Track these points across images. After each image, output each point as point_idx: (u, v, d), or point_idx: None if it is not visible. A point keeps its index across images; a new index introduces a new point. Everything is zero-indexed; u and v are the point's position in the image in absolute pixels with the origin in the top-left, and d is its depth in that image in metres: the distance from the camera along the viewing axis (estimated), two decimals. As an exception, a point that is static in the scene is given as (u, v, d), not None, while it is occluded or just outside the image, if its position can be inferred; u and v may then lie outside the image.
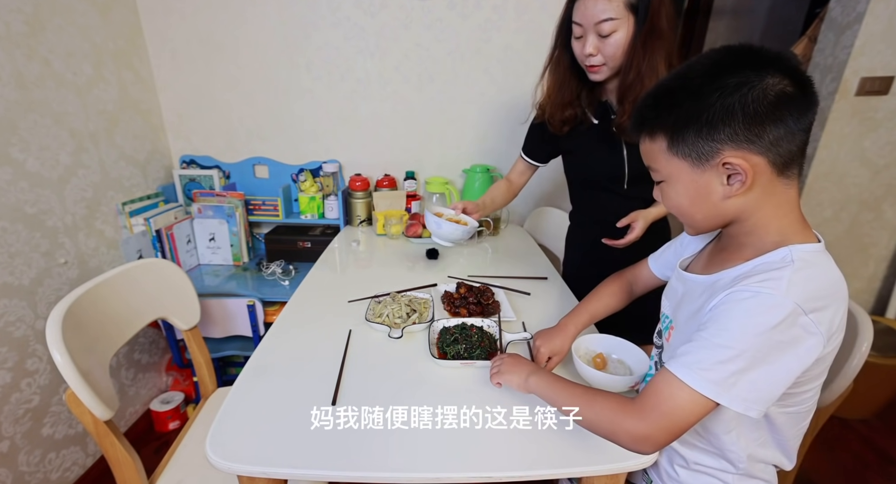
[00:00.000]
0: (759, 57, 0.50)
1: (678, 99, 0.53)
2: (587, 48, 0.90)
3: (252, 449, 0.63)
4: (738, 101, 0.49)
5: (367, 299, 1.05)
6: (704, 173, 0.54)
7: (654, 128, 0.56)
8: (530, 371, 0.70)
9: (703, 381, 0.50)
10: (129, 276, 0.97)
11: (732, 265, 0.57)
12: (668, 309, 0.71)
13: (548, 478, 0.61)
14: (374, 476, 0.60)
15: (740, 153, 0.51)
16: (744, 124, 0.49)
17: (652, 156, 0.59)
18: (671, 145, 0.55)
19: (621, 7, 0.85)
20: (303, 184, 1.65)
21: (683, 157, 0.54)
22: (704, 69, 0.52)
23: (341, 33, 1.55)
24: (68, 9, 1.25)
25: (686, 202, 0.58)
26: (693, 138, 0.53)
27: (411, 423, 0.68)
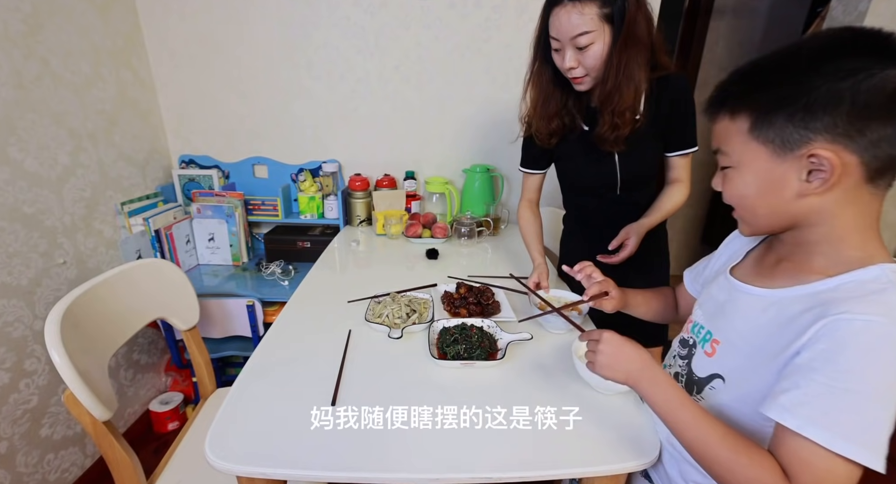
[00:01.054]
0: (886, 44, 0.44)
1: (775, 77, 0.48)
2: (567, 62, 0.89)
3: (251, 449, 0.62)
4: (849, 87, 0.43)
5: (366, 299, 1.05)
6: (783, 163, 0.48)
7: (739, 106, 0.51)
8: (643, 374, 0.58)
9: (862, 449, 0.42)
10: (127, 276, 0.96)
11: (807, 280, 0.51)
12: (702, 318, 0.65)
13: (548, 478, 0.61)
14: (374, 476, 0.60)
15: (833, 147, 0.45)
16: (848, 115, 0.44)
17: (726, 137, 0.53)
18: (754, 128, 0.49)
19: (595, 19, 0.84)
20: (302, 184, 1.64)
21: (764, 143, 0.49)
22: (817, 48, 0.46)
23: (341, 33, 1.55)
24: (67, 8, 1.24)
25: (753, 193, 0.52)
26: (783, 123, 0.47)
27: (411, 423, 0.68)
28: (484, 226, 1.53)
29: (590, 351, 0.64)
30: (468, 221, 1.47)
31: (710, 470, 0.51)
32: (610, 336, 0.62)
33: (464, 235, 1.47)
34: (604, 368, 0.62)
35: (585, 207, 1.15)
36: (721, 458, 0.49)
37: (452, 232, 1.52)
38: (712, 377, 0.60)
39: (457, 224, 1.49)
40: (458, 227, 1.48)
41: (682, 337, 0.70)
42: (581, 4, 0.83)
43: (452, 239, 1.51)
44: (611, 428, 0.68)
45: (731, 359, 0.58)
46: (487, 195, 1.65)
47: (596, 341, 0.63)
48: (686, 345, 0.67)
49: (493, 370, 0.81)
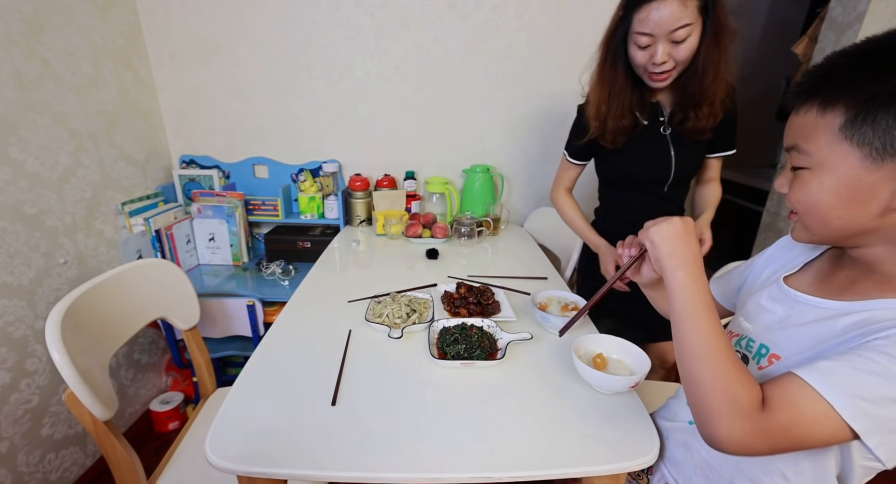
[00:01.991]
0: None
1: (888, 71, 0.40)
2: (659, 56, 0.87)
3: (252, 449, 0.62)
4: None
5: (366, 299, 1.05)
6: (877, 171, 0.42)
7: (834, 98, 0.43)
8: (692, 260, 0.54)
9: (859, 413, 0.40)
10: (128, 276, 0.96)
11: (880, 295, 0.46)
12: (753, 333, 0.59)
13: (548, 478, 0.61)
14: (374, 476, 0.60)
15: None
16: None
17: (809, 133, 0.46)
18: (849, 125, 0.42)
19: (695, 12, 0.84)
20: (302, 184, 1.65)
21: (859, 145, 0.42)
22: None
23: (341, 33, 1.55)
24: (68, 8, 1.24)
25: (831, 201, 0.46)
26: (887, 124, 0.40)
27: (411, 423, 0.68)
28: (484, 226, 1.53)
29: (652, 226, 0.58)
30: (468, 221, 1.47)
31: (700, 372, 0.49)
32: (690, 220, 0.58)
33: (464, 235, 1.47)
34: (661, 233, 0.57)
35: (626, 201, 1.15)
36: (720, 364, 0.48)
37: (452, 232, 1.52)
38: None
39: (457, 224, 1.49)
40: (458, 227, 1.48)
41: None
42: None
43: (452, 239, 1.52)
44: (610, 428, 0.68)
45: None
46: (487, 195, 1.65)
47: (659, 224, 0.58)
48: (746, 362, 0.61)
49: (493, 370, 0.82)
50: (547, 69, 1.60)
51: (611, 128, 1.02)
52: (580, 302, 0.98)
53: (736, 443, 0.45)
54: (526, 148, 1.72)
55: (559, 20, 1.54)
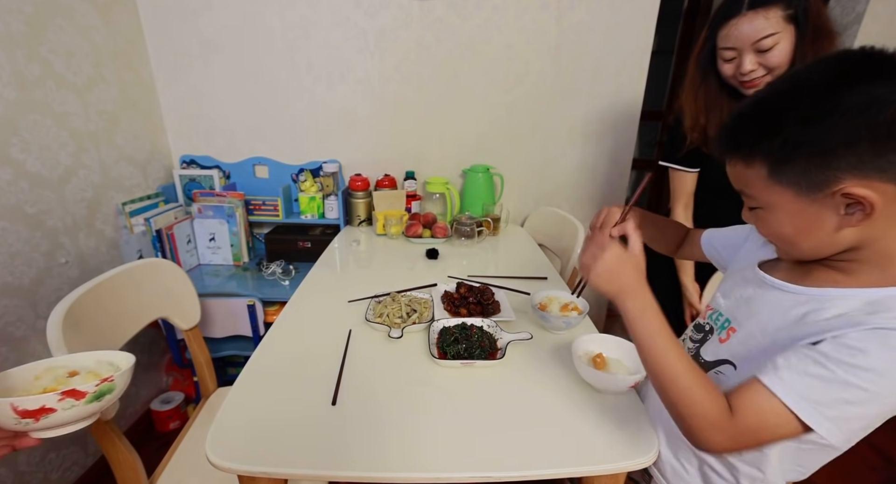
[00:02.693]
0: (886, 66, 0.42)
1: (784, 122, 0.46)
2: (745, 66, 0.91)
3: (252, 449, 0.63)
4: (864, 124, 0.41)
5: (367, 299, 1.05)
6: (814, 203, 0.46)
7: (751, 155, 0.49)
8: (634, 289, 0.57)
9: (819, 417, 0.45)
10: (129, 276, 0.97)
11: (848, 285, 0.50)
12: (723, 307, 0.65)
13: (548, 477, 0.61)
14: (374, 476, 0.60)
15: (865, 182, 0.43)
16: (872, 150, 0.42)
17: (745, 181, 0.51)
18: (773, 174, 0.47)
19: (780, 21, 0.86)
20: (303, 184, 1.65)
21: (788, 186, 0.47)
22: (819, 84, 0.44)
23: (341, 33, 1.55)
24: (69, 9, 1.25)
25: (790, 232, 0.51)
26: (803, 167, 0.45)
27: (411, 423, 0.68)
28: (484, 226, 1.53)
29: (589, 254, 0.61)
30: (468, 221, 1.48)
31: (667, 394, 0.53)
32: (618, 248, 0.60)
33: (464, 235, 1.47)
34: (599, 276, 0.59)
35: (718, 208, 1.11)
36: (682, 385, 0.52)
37: (452, 232, 1.52)
38: (720, 362, 0.62)
39: (457, 224, 1.49)
40: (458, 227, 1.48)
41: (698, 322, 0.71)
42: (765, 10, 0.86)
43: (452, 239, 1.52)
44: (610, 427, 0.68)
45: (745, 348, 0.58)
46: (487, 195, 1.65)
47: (601, 247, 0.60)
48: (702, 330, 0.68)
49: (494, 370, 0.82)
50: (547, 69, 1.60)
51: (714, 137, 1.04)
52: (580, 302, 0.98)
53: (715, 448, 0.51)
54: (526, 148, 1.72)
55: (559, 20, 1.54)
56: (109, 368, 0.60)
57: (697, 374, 0.52)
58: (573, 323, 0.93)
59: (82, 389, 0.50)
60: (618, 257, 0.60)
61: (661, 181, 2.73)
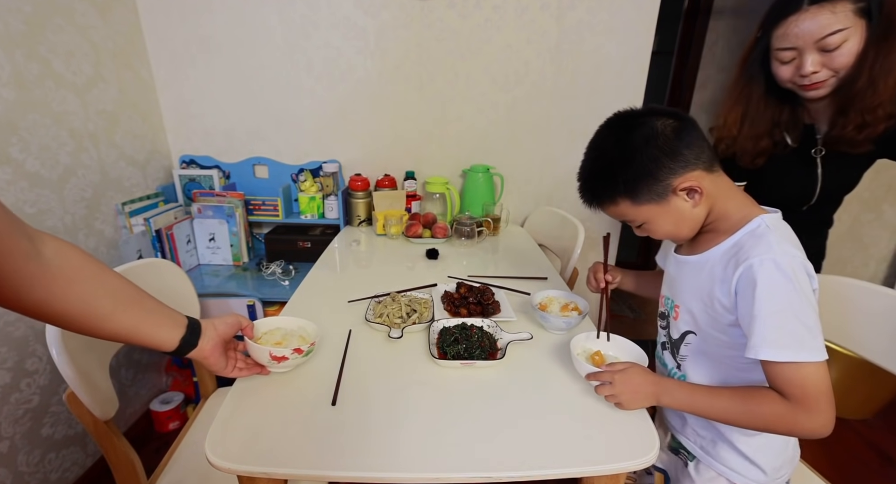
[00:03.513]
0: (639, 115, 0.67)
1: (617, 172, 0.67)
2: (807, 67, 0.82)
3: (252, 449, 0.62)
4: (654, 149, 0.64)
5: (367, 299, 1.05)
6: (670, 203, 0.67)
7: (613, 198, 0.69)
8: (659, 391, 0.69)
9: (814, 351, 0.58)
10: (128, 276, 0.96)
11: (718, 242, 0.69)
12: (667, 292, 0.81)
13: (547, 477, 0.61)
14: (374, 476, 0.60)
15: (683, 177, 0.65)
16: (671, 160, 0.64)
17: (622, 213, 0.71)
18: (634, 202, 0.67)
19: (849, 15, 0.78)
20: (303, 184, 1.65)
21: (647, 203, 0.67)
22: (615, 143, 0.68)
23: (341, 33, 1.55)
24: (68, 8, 1.24)
25: (671, 228, 0.70)
26: (646, 189, 0.66)
27: (411, 423, 0.68)
28: (484, 226, 1.53)
29: (609, 395, 0.70)
30: (468, 221, 1.47)
31: (745, 426, 0.65)
32: (620, 376, 0.70)
33: (464, 235, 1.47)
34: (631, 403, 0.69)
35: None
36: (740, 414, 0.64)
37: (452, 232, 1.52)
38: (684, 335, 0.76)
39: (457, 224, 1.49)
40: (458, 227, 1.48)
41: (660, 311, 0.84)
42: (831, 4, 0.78)
43: (452, 239, 1.52)
44: (610, 427, 0.68)
45: (691, 316, 0.74)
46: (487, 195, 1.65)
47: (609, 384, 0.70)
48: (664, 317, 0.82)
49: (494, 370, 0.82)
50: (547, 69, 1.60)
51: (748, 149, 0.99)
52: (580, 302, 0.98)
53: (820, 433, 0.60)
54: (526, 148, 1.72)
55: (559, 20, 1.54)
56: (302, 332, 0.83)
57: (742, 395, 0.64)
58: (573, 323, 0.93)
59: (303, 348, 0.75)
60: (626, 380, 0.70)
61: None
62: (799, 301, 0.59)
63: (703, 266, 0.70)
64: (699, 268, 0.71)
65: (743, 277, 0.63)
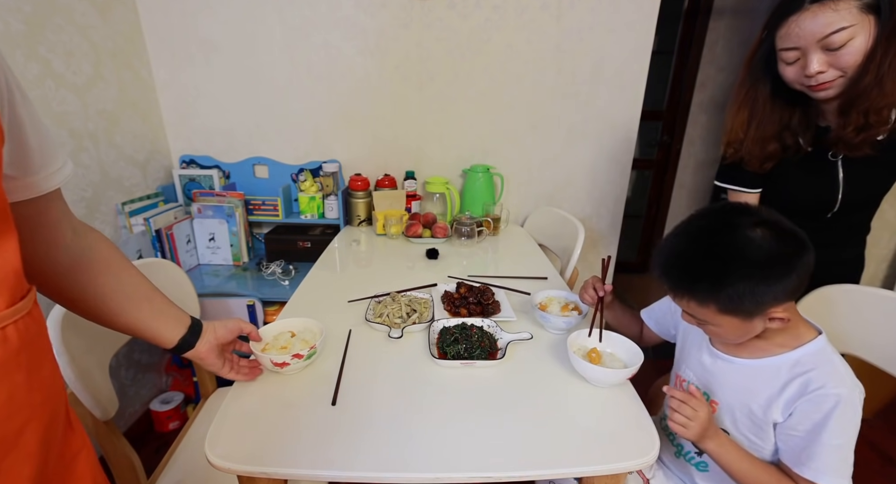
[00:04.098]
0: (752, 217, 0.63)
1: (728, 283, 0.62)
2: (813, 67, 0.79)
3: (252, 449, 0.62)
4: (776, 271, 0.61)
5: (366, 299, 1.05)
6: (752, 322, 0.65)
7: (705, 299, 0.65)
8: (712, 435, 0.70)
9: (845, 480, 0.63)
10: (128, 276, 0.96)
11: (774, 352, 0.69)
12: (694, 379, 0.78)
13: (547, 477, 0.61)
14: (374, 476, 0.60)
15: (783, 307, 0.64)
16: (782, 286, 0.62)
17: (696, 311, 0.67)
18: (722, 311, 0.64)
19: (854, 12, 0.75)
20: (303, 184, 1.65)
21: (733, 316, 0.65)
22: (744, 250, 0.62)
23: (341, 33, 1.55)
24: (67, 8, 1.24)
25: (734, 337, 0.69)
26: (743, 308, 0.63)
27: (411, 423, 0.68)
28: (484, 226, 1.53)
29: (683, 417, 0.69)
30: (468, 221, 1.47)
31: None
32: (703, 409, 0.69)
33: (464, 235, 1.47)
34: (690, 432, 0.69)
35: None
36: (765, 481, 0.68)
37: (452, 232, 1.52)
38: None
39: (457, 224, 1.49)
40: (458, 227, 1.48)
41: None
42: (833, 2, 0.75)
43: (452, 239, 1.52)
44: (610, 428, 0.68)
45: (731, 417, 0.73)
46: (487, 195, 1.65)
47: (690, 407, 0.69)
48: None
49: (494, 370, 0.82)
50: (547, 69, 1.60)
51: (755, 154, 0.95)
52: (580, 302, 0.98)
53: None
54: (526, 148, 1.72)
55: (559, 20, 1.54)
56: (309, 333, 0.85)
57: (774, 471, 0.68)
58: (573, 323, 0.93)
59: (302, 353, 0.76)
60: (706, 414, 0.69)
61: (661, 183, 2.73)
62: (856, 434, 0.63)
63: (756, 373, 0.70)
64: (751, 374, 0.71)
65: (813, 401, 0.64)
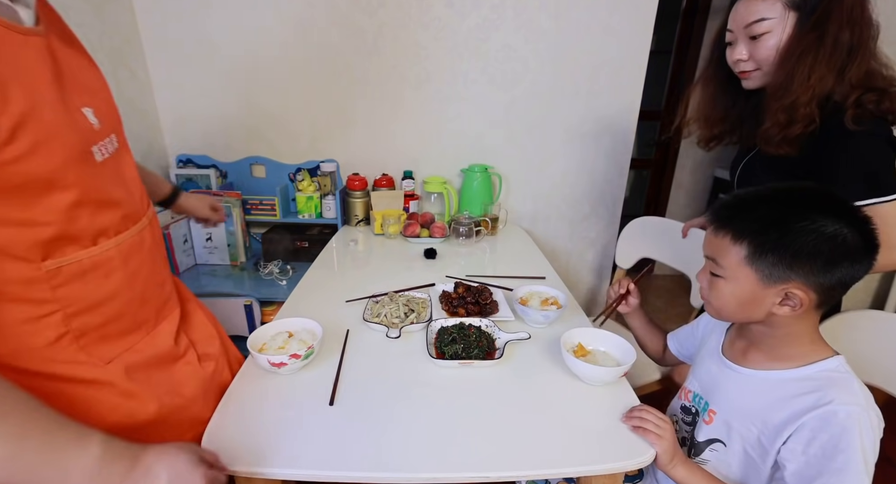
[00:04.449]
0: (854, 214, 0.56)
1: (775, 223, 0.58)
2: (735, 53, 0.84)
3: (249, 449, 0.62)
4: (827, 247, 0.55)
5: (364, 299, 1.05)
6: (765, 289, 0.59)
7: (742, 235, 0.60)
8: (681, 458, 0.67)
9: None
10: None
11: (784, 366, 0.63)
12: (699, 390, 0.74)
13: (546, 477, 0.61)
14: (372, 476, 0.60)
15: (805, 288, 0.57)
16: (823, 266, 0.56)
17: (723, 253, 0.62)
18: (750, 258, 0.59)
19: (778, 6, 0.77)
20: (300, 183, 1.64)
21: (756, 271, 0.59)
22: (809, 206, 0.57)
23: (339, 32, 1.54)
24: (62, 6, 1.22)
25: (734, 302, 0.63)
26: (773, 261, 0.57)
27: (409, 423, 0.68)
28: (482, 225, 1.53)
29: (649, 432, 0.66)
30: (466, 221, 1.47)
31: None
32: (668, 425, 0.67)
33: (462, 235, 1.47)
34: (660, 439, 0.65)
35: None
36: None
37: (450, 232, 1.52)
38: (711, 441, 0.70)
39: (455, 224, 1.49)
40: (457, 226, 1.48)
41: (683, 404, 0.77)
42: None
43: (450, 239, 1.51)
44: (608, 428, 0.68)
45: (727, 428, 0.68)
46: (486, 195, 1.65)
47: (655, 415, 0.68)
48: (689, 413, 0.75)
49: (492, 370, 0.82)
50: (545, 68, 1.60)
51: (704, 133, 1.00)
52: (560, 297, 1.00)
53: None
54: (524, 148, 1.72)
55: (557, 19, 1.54)
56: (308, 334, 0.85)
57: None
58: (552, 317, 0.94)
59: (300, 353, 0.76)
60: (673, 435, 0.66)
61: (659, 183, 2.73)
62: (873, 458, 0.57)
63: (761, 385, 0.65)
64: (757, 386, 0.66)
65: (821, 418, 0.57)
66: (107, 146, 0.60)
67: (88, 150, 0.56)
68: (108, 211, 0.59)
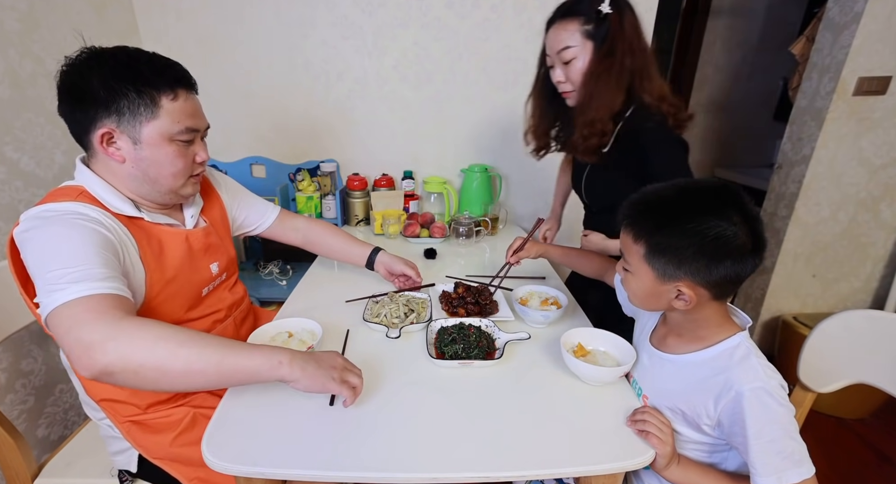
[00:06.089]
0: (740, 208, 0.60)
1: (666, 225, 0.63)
2: (555, 76, 0.97)
3: (249, 449, 0.62)
4: (710, 248, 0.59)
5: (364, 299, 1.05)
6: (662, 285, 0.65)
7: (639, 237, 0.65)
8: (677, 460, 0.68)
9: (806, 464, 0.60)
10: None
11: (696, 348, 0.69)
12: (636, 376, 0.78)
13: (546, 477, 0.61)
14: (372, 476, 0.60)
15: (692, 286, 0.63)
16: (706, 268, 0.60)
17: (628, 250, 0.68)
18: (647, 256, 0.65)
19: (577, 35, 0.90)
20: (300, 183, 1.64)
21: (653, 268, 0.65)
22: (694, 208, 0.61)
23: (339, 32, 1.54)
24: (63, 7, 1.24)
25: (641, 295, 0.69)
26: (664, 262, 0.63)
27: (409, 423, 0.68)
28: (482, 226, 1.53)
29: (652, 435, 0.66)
30: (466, 221, 1.47)
31: None
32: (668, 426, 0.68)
33: (462, 235, 1.47)
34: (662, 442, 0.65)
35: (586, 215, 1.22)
36: None
37: (450, 232, 1.52)
38: None
39: (455, 224, 1.49)
40: (457, 226, 1.48)
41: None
42: (566, 21, 0.91)
43: (450, 239, 1.51)
44: (608, 428, 0.68)
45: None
46: (486, 195, 1.65)
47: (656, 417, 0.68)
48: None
49: (491, 370, 0.82)
50: (545, 69, 1.60)
51: (537, 142, 1.13)
52: (560, 297, 1.00)
53: None
54: (524, 148, 1.71)
55: (557, 20, 1.54)
56: (308, 334, 0.88)
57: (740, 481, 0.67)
58: (552, 317, 0.94)
59: None
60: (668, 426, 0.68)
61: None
62: (790, 421, 0.60)
63: (679, 369, 0.70)
64: (676, 370, 0.70)
65: (733, 403, 0.62)
66: (214, 282, 0.88)
67: (200, 292, 0.84)
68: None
